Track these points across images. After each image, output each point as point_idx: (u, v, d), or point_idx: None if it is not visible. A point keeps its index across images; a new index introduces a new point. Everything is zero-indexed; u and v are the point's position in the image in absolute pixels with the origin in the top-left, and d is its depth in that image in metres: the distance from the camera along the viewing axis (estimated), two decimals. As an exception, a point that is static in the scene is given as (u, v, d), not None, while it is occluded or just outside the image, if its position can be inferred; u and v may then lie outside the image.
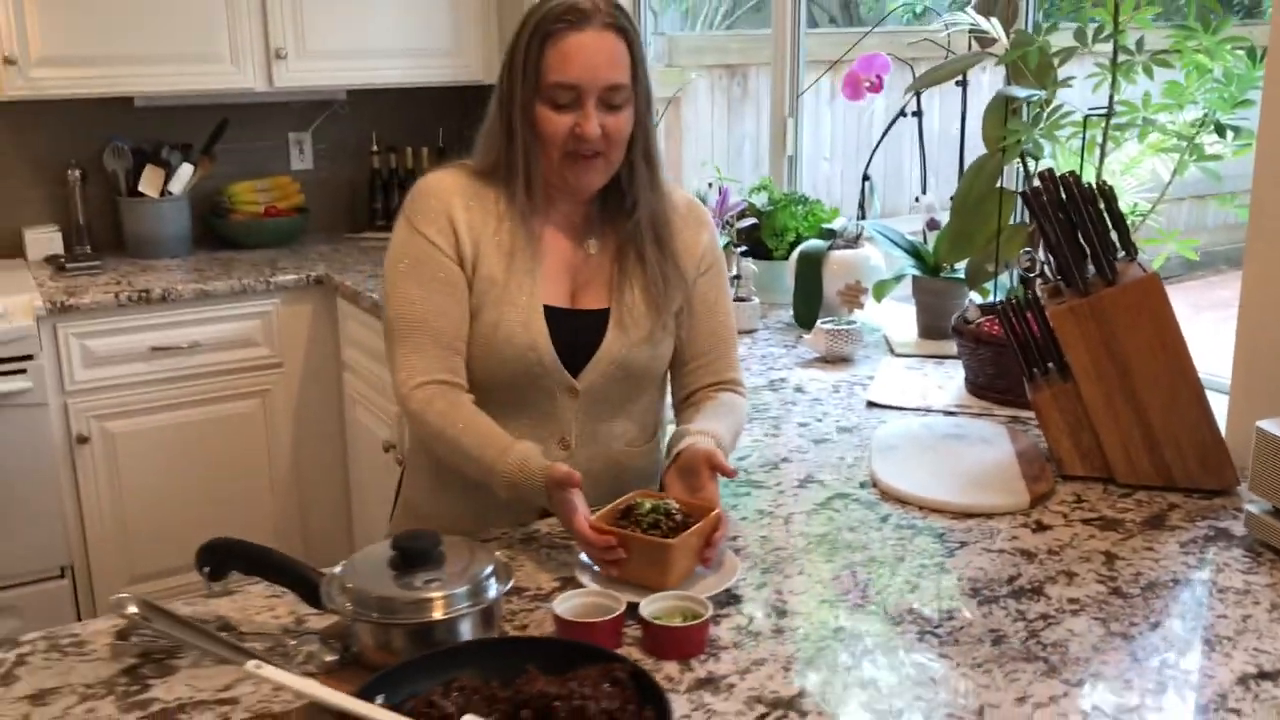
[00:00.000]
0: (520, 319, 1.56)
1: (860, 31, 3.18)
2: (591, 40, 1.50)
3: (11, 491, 2.91)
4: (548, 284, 1.61)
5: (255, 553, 1.28)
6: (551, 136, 1.53)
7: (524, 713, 1.05)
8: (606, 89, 1.51)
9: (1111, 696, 1.14)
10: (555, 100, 1.51)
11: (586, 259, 1.64)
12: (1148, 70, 1.79)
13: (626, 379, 1.63)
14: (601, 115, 1.51)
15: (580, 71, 1.50)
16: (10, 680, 1.19)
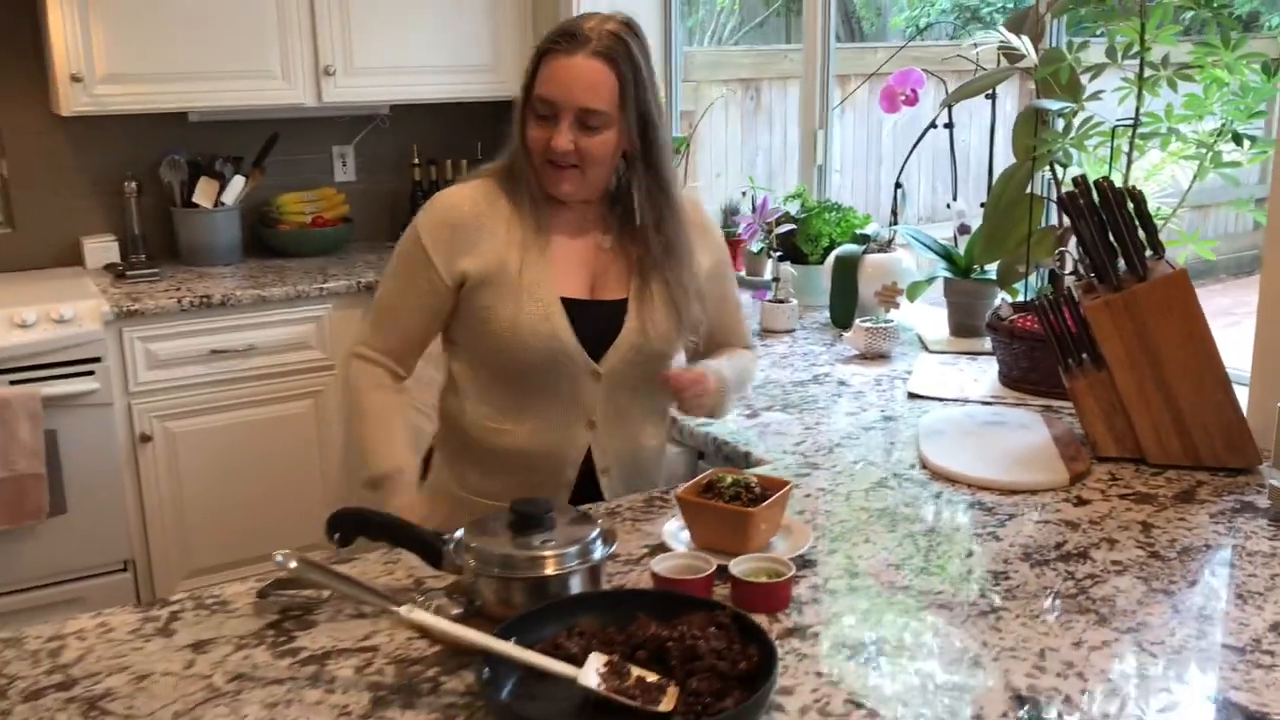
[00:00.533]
0: (540, 312, 1.69)
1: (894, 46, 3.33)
2: (577, 64, 1.63)
3: (79, 488, 3.05)
4: (565, 278, 1.73)
5: (381, 520, 1.42)
6: (530, 146, 1.68)
7: (639, 653, 1.19)
8: (581, 110, 1.64)
9: (1158, 641, 1.28)
10: (537, 112, 1.67)
11: (600, 253, 1.77)
12: (1172, 84, 1.93)
13: (645, 362, 1.76)
14: (577, 134, 1.65)
15: (557, 90, 1.64)
16: (169, 632, 1.33)
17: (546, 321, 1.69)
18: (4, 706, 1.18)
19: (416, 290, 1.73)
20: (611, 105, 1.65)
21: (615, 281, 1.76)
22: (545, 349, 1.69)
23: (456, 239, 1.71)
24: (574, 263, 1.75)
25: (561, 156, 1.65)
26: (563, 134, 1.64)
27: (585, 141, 1.65)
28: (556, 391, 1.73)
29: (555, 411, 1.74)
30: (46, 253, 3.55)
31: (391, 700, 1.18)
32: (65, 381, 2.98)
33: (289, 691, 1.20)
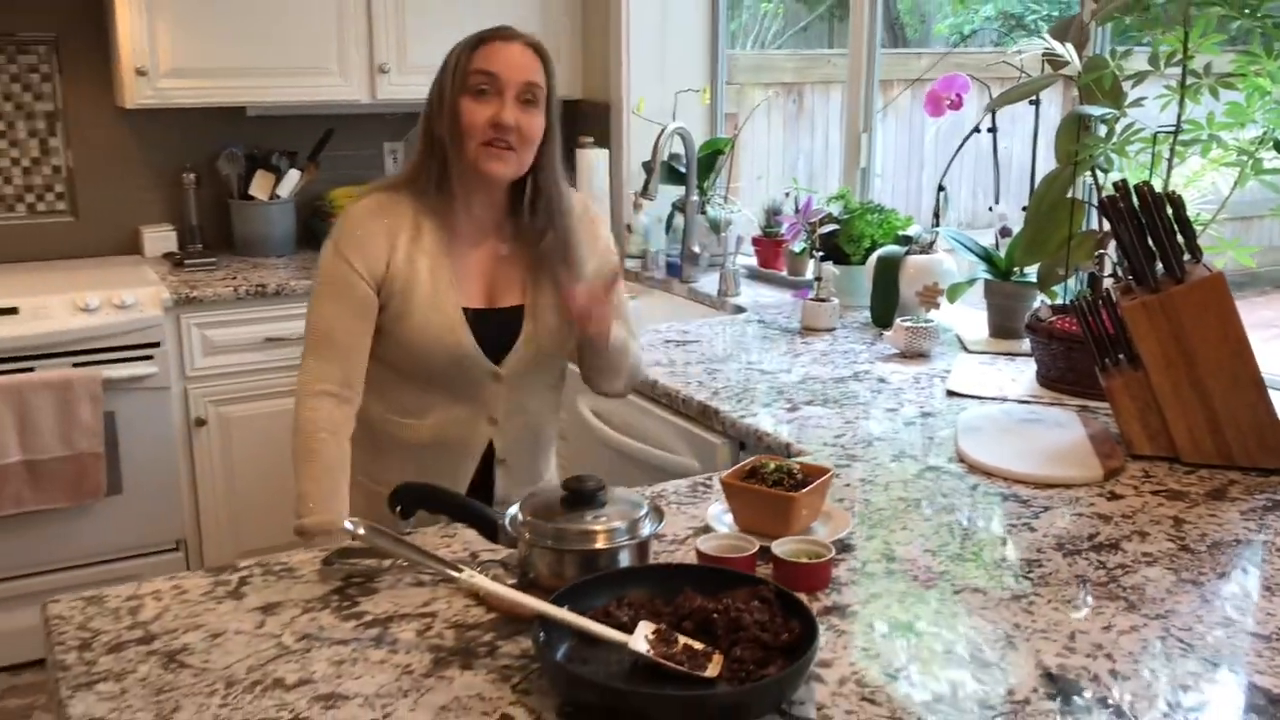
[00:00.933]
0: (445, 323, 1.80)
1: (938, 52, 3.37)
2: (515, 48, 1.76)
3: (135, 468, 3.15)
4: (466, 286, 1.84)
5: (441, 495, 1.49)
6: (470, 125, 1.74)
7: (685, 624, 1.25)
8: (525, 84, 1.75)
9: (1185, 627, 1.32)
10: (477, 88, 1.74)
11: (499, 260, 1.88)
12: (1213, 91, 1.97)
13: (541, 362, 1.91)
14: (517, 110, 1.74)
15: (502, 65, 1.74)
16: (240, 595, 1.40)
17: (451, 333, 1.81)
18: (89, 657, 1.26)
19: (350, 306, 1.79)
20: (543, 84, 1.77)
21: (511, 288, 1.88)
22: (449, 356, 1.82)
23: (369, 249, 1.79)
24: (474, 272, 1.86)
25: (506, 131, 1.74)
26: (508, 107, 1.74)
27: (524, 118, 1.75)
28: (460, 391, 1.86)
29: (459, 409, 1.87)
30: (107, 241, 3.67)
31: (450, 661, 1.24)
32: (125, 365, 3.09)
33: (354, 651, 1.27)
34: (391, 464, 1.87)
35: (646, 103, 3.65)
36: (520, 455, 1.94)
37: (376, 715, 1.14)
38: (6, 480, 2.94)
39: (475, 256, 1.86)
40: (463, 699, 1.17)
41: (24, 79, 3.50)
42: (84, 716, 1.15)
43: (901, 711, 1.15)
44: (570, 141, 3.71)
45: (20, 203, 3.56)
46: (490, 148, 1.75)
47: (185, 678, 1.21)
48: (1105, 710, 1.15)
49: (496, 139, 1.74)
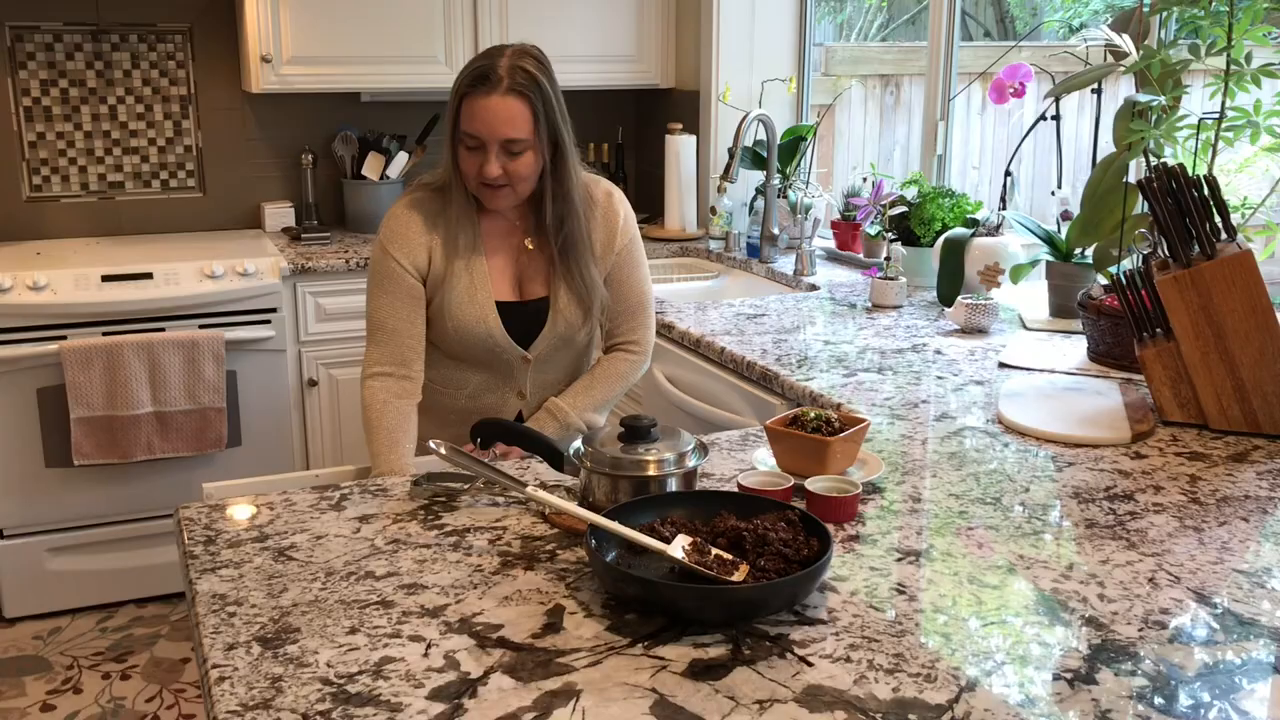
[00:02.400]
0: (479, 315, 2.07)
1: (1002, 46, 3.47)
2: (494, 104, 1.92)
3: (253, 423, 3.44)
4: (497, 281, 2.10)
5: (514, 429, 1.70)
6: (465, 172, 2.00)
7: (719, 540, 1.42)
8: (505, 141, 1.95)
9: (1177, 564, 1.45)
10: (466, 144, 1.97)
11: (526, 254, 2.11)
12: (1255, 80, 2.07)
13: (565, 345, 2.17)
14: (504, 159, 1.97)
15: (481, 126, 1.94)
16: (340, 508, 1.62)
17: (484, 324, 2.08)
18: (213, 550, 1.49)
19: (399, 297, 2.06)
20: (529, 132, 1.96)
21: (537, 280, 2.12)
22: (483, 345, 2.09)
23: (411, 246, 2.05)
24: (504, 266, 2.11)
25: (493, 180, 1.96)
26: (491, 163, 1.95)
27: (511, 165, 1.97)
28: (493, 371, 2.14)
29: (492, 384, 2.16)
30: (231, 216, 3.97)
31: (516, 563, 1.44)
32: (246, 328, 3.38)
33: (434, 553, 1.48)
34: (433, 422, 2.16)
35: (733, 91, 3.81)
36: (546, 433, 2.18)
37: (449, 601, 1.34)
38: (139, 428, 3.25)
39: (504, 252, 2.11)
40: (523, 592, 1.37)
41: (161, 65, 3.81)
42: (209, 593, 1.37)
43: (902, 617, 1.31)
44: (660, 127, 3.90)
45: (155, 179, 3.88)
46: (487, 188, 2.00)
47: (292, 568, 1.44)
48: (1086, 624, 1.30)
49: (489, 183, 1.98)
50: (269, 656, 1.22)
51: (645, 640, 1.25)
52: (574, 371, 2.24)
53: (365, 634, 1.27)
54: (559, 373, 2.20)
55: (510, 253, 2.12)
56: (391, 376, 2.07)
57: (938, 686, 1.16)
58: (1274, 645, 1.25)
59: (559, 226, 2.07)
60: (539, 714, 1.11)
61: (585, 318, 2.13)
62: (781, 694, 1.15)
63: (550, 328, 2.11)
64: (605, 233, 2.14)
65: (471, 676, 1.18)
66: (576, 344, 2.19)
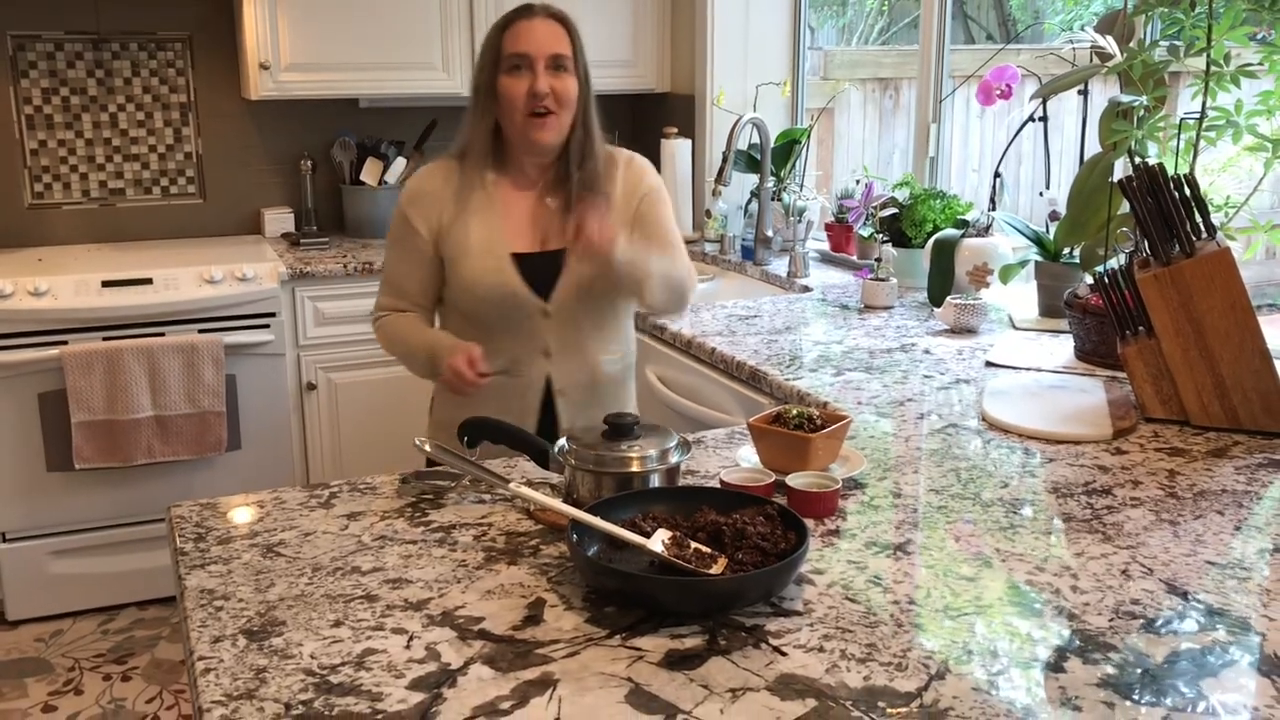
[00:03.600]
0: (495, 266, 2.08)
1: (992, 49, 3.49)
2: (537, 24, 2.02)
3: (253, 427, 3.47)
4: (517, 236, 2.11)
5: (501, 427, 1.72)
6: (513, 99, 2.01)
7: (700, 534, 1.45)
8: (552, 56, 2.00)
9: (1151, 556, 1.47)
10: (510, 67, 2.01)
11: (548, 212, 2.12)
12: (1235, 80, 2.09)
13: (590, 298, 2.12)
14: (550, 78, 2.00)
15: (528, 44, 2.01)
16: (329, 505, 1.65)
17: (500, 274, 2.08)
18: (203, 547, 1.52)
19: (412, 258, 2.13)
20: (569, 50, 2.02)
21: (559, 233, 2.10)
22: (499, 297, 2.08)
23: (430, 208, 2.11)
24: (526, 221, 2.12)
25: (542, 99, 1.99)
26: (540, 77, 1.99)
27: (558, 83, 2.00)
28: (516, 329, 2.12)
29: (516, 345, 2.13)
30: (231, 221, 4.01)
31: (499, 558, 1.47)
32: (245, 332, 3.41)
33: (420, 549, 1.50)
34: (465, 401, 2.11)
35: (728, 95, 3.84)
36: (578, 389, 2.16)
37: (433, 595, 1.37)
38: (139, 432, 3.28)
39: (526, 207, 2.13)
40: (506, 585, 1.39)
41: (161, 73, 3.85)
42: (197, 588, 1.40)
43: (876, 609, 1.33)
44: (656, 132, 3.93)
45: (156, 186, 3.92)
46: (534, 118, 2.02)
47: (280, 564, 1.46)
48: (1057, 615, 1.32)
49: (536, 107, 1.99)
50: (254, 649, 1.25)
51: (623, 632, 1.28)
52: (604, 330, 2.19)
53: (349, 627, 1.29)
54: (586, 330, 2.15)
55: (529, 209, 2.13)
56: (399, 311, 2.18)
57: (908, 675, 1.19)
58: (1243, 634, 1.28)
59: (582, 175, 2.07)
60: (516, 703, 1.14)
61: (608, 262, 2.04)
62: (754, 683, 1.17)
63: (568, 273, 2.08)
64: (627, 185, 2.16)
65: (452, 667, 1.20)
66: (604, 305, 2.15)
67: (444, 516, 1.61)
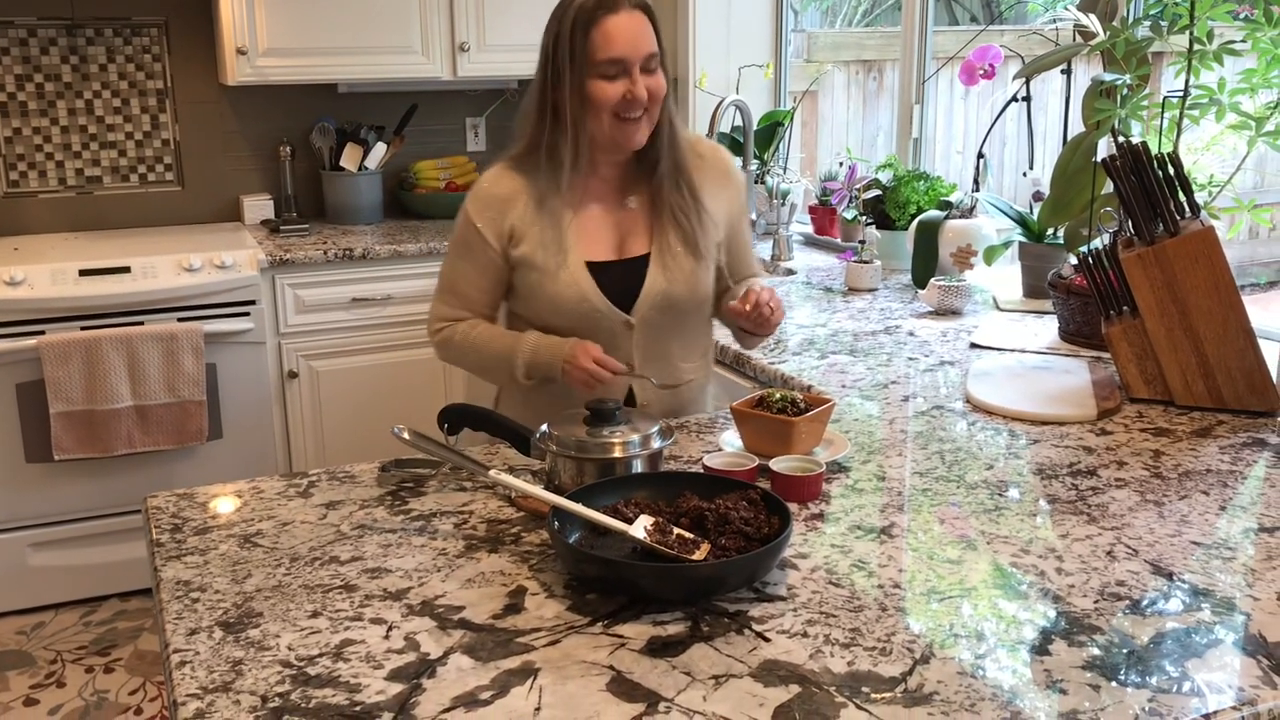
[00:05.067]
0: (569, 278, 1.92)
1: (973, 30, 3.48)
2: (626, 20, 1.83)
3: (234, 416, 3.44)
4: (592, 243, 1.94)
5: (481, 414, 1.70)
6: (604, 103, 1.84)
7: (683, 520, 1.43)
8: (646, 57, 1.86)
9: (1136, 537, 1.47)
10: (606, 74, 1.84)
11: (627, 214, 1.98)
12: (1218, 58, 2.08)
13: (672, 308, 1.98)
14: (645, 79, 1.87)
15: (624, 48, 1.83)
16: (308, 495, 1.63)
17: (575, 286, 1.92)
18: (179, 537, 1.49)
19: (477, 267, 1.97)
20: (655, 44, 1.89)
21: (639, 238, 1.97)
22: (578, 310, 1.93)
23: (498, 215, 1.94)
24: (601, 228, 1.96)
25: (640, 103, 1.86)
26: (638, 83, 1.85)
27: (651, 83, 1.87)
28: (596, 342, 1.91)
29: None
30: (210, 209, 3.97)
31: (480, 547, 1.45)
32: (224, 320, 3.38)
33: (400, 538, 1.48)
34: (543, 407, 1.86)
35: (710, 78, 3.82)
36: (663, 402, 2.00)
37: (412, 584, 1.35)
38: (119, 422, 3.25)
39: (602, 213, 1.97)
40: (486, 574, 1.38)
41: (137, 59, 3.81)
42: (173, 579, 1.38)
43: (860, 593, 1.32)
44: (638, 115, 3.90)
45: (133, 173, 3.88)
46: (625, 121, 1.86)
47: (257, 554, 1.44)
48: (1042, 597, 1.31)
49: (630, 111, 1.86)
50: (230, 640, 1.23)
51: (605, 619, 1.26)
52: (687, 338, 2.03)
53: (327, 617, 1.27)
54: (672, 343, 2.00)
55: (609, 214, 1.97)
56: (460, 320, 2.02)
57: (892, 660, 1.17)
58: (1227, 614, 1.27)
59: (669, 169, 1.94)
60: (496, 692, 1.12)
61: (697, 270, 1.95)
62: (737, 669, 1.16)
63: (650, 284, 1.94)
64: (715, 185, 2.01)
65: (431, 657, 1.19)
66: (685, 306, 1.98)
67: (424, 505, 1.59)
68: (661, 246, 1.96)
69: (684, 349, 2.04)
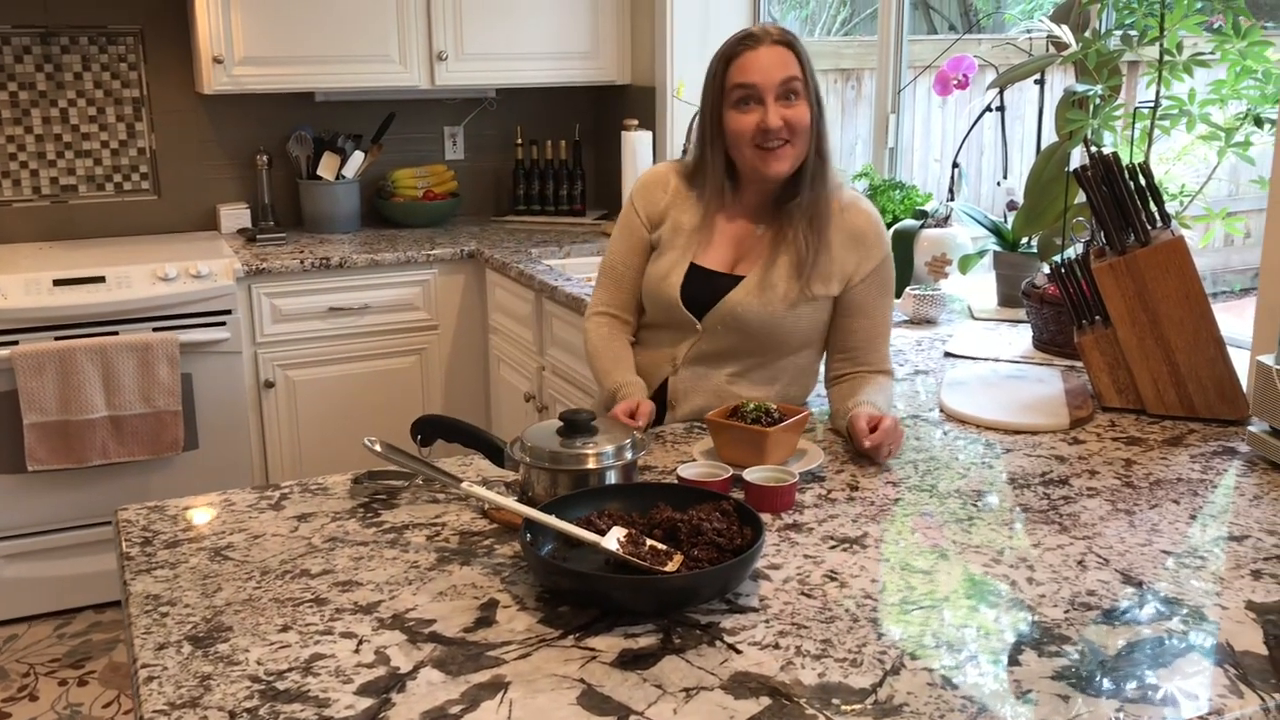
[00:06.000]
0: (671, 270, 2.01)
1: (950, 39, 3.50)
2: (765, 52, 1.89)
3: (209, 426, 3.42)
4: (711, 252, 2.01)
5: (455, 425, 1.70)
6: (739, 134, 1.90)
7: (656, 531, 1.43)
8: (781, 83, 1.88)
9: (1107, 546, 1.47)
10: (736, 102, 1.89)
11: (754, 238, 2.01)
12: (1188, 69, 2.10)
13: (741, 331, 1.98)
14: (781, 109, 1.88)
15: (755, 74, 1.89)
16: (280, 507, 1.62)
17: (667, 280, 2.01)
18: (150, 550, 1.49)
19: (632, 247, 2.08)
20: (798, 74, 1.90)
21: (752, 262, 2.00)
22: (660, 299, 2.02)
23: (651, 199, 2.07)
24: (727, 242, 2.03)
25: (776, 133, 1.87)
26: (771, 110, 1.87)
27: (789, 113, 1.88)
28: (665, 330, 2.06)
29: (658, 344, 2.07)
30: (187, 218, 3.95)
31: (452, 559, 1.45)
32: (200, 330, 3.36)
33: (371, 550, 1.48)
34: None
35: (688, 87, 3.82)
36: (692, 406, 2.01)
37: (384, 597, 1.35)
38: (94, 433, 3.23)
39: (732, 230, 2.02)
40: (458, 586, 1.37)
41: (113, 68, 3.79)
42: (142, 593, 1.37)
43: (833, 604, 1.32)
44: (617, 124, 3.91)
45: (109, 182, 3.86)
46: (763, 151, 1.89)
47: (228, 567, 1.43)
48: (1013, 607, 1.32)
49: (769, 141, 1.88)
50: (199, 655, 1.22)
51: (577, 632, 1.26)
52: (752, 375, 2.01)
53: (297, 631, 1.27)
54: (724, 359, 2.01)
55: (738, 232, 2.02)
56: (610, 317, 2.10)
57: (863, 671, 1.18)
58: (1197, 624, 1.28)
59: (805, 204, 1.93)
60: (466, 707, 1.12)
61: (783, 311, 1.94)
62: (709, 681, 1.16)
63: (728, 300, 1.96)
64: (846, 249, 1.96)
65: (401, 671, 1.18)
66: (755, 332, 1.97)
67: (396, 517, 1.59)
68: (763, 275, 1.97)
69: (734, 368, 2.01)
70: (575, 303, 2.90)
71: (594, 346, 2.09)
